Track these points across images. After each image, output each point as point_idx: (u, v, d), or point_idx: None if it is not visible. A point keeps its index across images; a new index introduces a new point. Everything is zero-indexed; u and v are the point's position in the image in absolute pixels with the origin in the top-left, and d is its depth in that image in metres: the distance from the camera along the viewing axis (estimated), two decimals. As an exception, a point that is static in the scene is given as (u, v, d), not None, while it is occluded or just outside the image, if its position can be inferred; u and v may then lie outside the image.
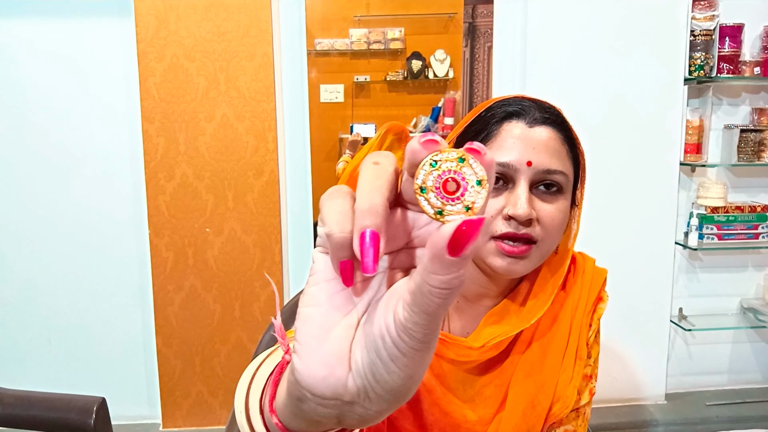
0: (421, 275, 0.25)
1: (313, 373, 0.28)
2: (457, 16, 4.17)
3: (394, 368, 0.27)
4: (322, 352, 0.28)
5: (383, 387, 0.27)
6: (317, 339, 0.28)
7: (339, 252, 0.27)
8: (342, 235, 0.26)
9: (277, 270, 2.07)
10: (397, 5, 4.08)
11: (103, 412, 1.06)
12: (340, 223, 0.26)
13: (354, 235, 0.26)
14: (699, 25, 2.01)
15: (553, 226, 0.70)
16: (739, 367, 2.28)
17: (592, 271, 0.81)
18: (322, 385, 0.28)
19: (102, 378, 2.14)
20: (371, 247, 0.25)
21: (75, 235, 2.07)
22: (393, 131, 1.39)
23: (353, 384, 0.28)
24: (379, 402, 0.28)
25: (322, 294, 0.29)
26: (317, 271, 0.29)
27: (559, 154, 0.70)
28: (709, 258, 2.21)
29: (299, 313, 0.29)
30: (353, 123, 4.10)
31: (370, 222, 0.25)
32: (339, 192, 0.28)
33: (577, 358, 0.78)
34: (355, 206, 0.26)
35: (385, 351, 0.27)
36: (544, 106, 0.73)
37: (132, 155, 2.03)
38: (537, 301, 0.76)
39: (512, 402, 0.75)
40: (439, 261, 0.24)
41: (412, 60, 4.08)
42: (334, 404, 0.29)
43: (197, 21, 1.92)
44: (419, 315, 0.25)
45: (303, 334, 0.29)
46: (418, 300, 0.25)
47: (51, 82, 1.99)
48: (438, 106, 4.05)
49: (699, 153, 2.09)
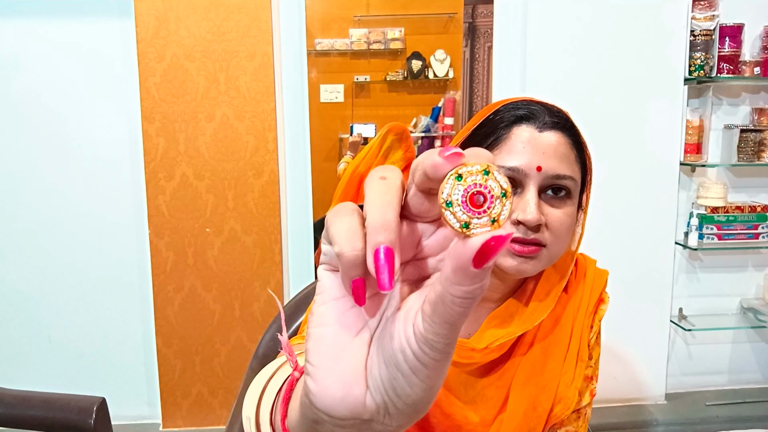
0: (443, 286, 0.24)
1: (330, 395, 0.28)
2: (457, 16, 4.17)
3: (416, 380, 0.27)
4: (338, 372, 0.28)
5: (404, 401, 0.27)
6: (331, 359, 0.28)
7: (351, 271, 0.26)
8: (354, 253, 0.26)
9: (277, 270, 2.07)
10: (397, 5, 4.08)
11: (103, 412, 1.06)
12: (351, 241, 0.26)
13: (368, 252, 0.25)
14: (699, 25, 2.01)
15: (562, 231, 0.70)
16: (739, 367, 2.28)
17: (594, 273, 0.81)
18: (341, 406, 0.28)
19: (102, 378, 2.14)
20: (386, 263, 0.25)
21: (75, 235, 2.07)
22: (393, 131, 1.39)
23: (372, 401, 0.28)
24: (400, 417, 0.28)
25: (333, 313, 0.28)
26: (325, 290, 0.29)
27: (568, 159, 0.70)
28: (709, 258, 2.21)
29: (309, 334, 0.29)
30: (353, 123, 4.10)
31: (383, 238, 0.25)
32: (346, 209, 0.28)
33: (578, 360, 0.78)
34: (367, 223, 0.26)
35: (406, 364, 0.26)
36: (553, 110, 0.72)
37: (132, 155, 2.03)
38: (540, 304, 0.76)
39: (513, 403, 0.75)
40: (463, 273, 0.24)
41: (412, 60, 4.08)
42: (352, 424, 0.28)
43: (197, 21, 1.92)
44: (440, 325, 0.25)
45: (316, 355, 0.28)
46: (439, 310, 0.25)
47: (51, 82, 1.99)
48: (438, 106, 4.05)
49: (699, 153, 2.09)
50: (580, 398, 0.81)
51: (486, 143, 0.72)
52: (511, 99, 0.75)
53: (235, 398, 0.95)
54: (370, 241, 0.25)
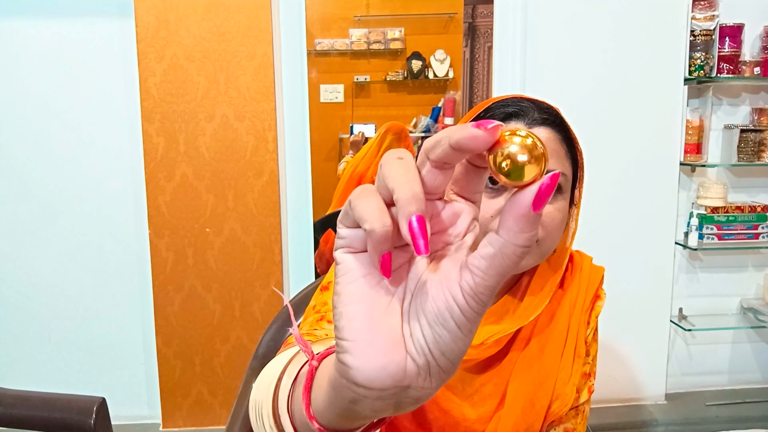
0: (506, 237, 0.27)
1: (371, 366, 0.29)
2: (457, 16, 4.17)
3: (460, 335, 0.29)
4: (376, 343, 0.29)
5: (448, 357, 0.30)
6: (368, 332, 0.29)
7: (382, 245, 0.28)
8: (385, 228, 0.28)
9: (277, 270, 2.07)
10: (397, 5, 4.08)
11: (103, 412, 1.06)
12: (381, 218, 0.28)
13: (401, 223, 0.27)
14: (699, 25, 2.01)
15: (553, 226, 0.70)
16: (739, 367, 2.28)
17: (590, 270, 0.82)
18: (383, 374, 0.29)
19: (102, 378, 2.14)
20: (420, 230, 0.27)
21: (75, 235, 2.07)
22: (393, 131, 1.39)
23: (413, 365, 0.30)
24: (439, 376, 0.30)
25: (360, 290, 0.30)
26: (350, 270, 0.30)
27: (557, 155, 0.71)
28: (709, 258, 2.21)
29: (340, 312, 0.30)
30: (353, 123, 4.10)
31: (415, 208, 0.27)
32: (368, 191, 0.30)
33: (575, 356, 0.79)
34: (397, 197, 0.27)
35: (453, 320, 0.29)
36: (543, 106, 0.73)
37: (132, 155, 2.03)
38: (535, 299, 0.76)
39: (511, 400, 0.76)
40: (525, 219, 0.27)
41: (412, 60, 4.08)
42: (392, 393, 0.30)
43: (197, 21, 1.92)
44: (493, 277, 0.28)
45: (353, 331, 0.30)
46: (497, 262, 0.28)
47: (51, 82, 1.99)
48: (438, 106, 4.05)
49: (699, 153, 2.09)
50: (578, 395, 0.81)
51: None
52: (502, 96, 0.75)
53: (235, 398, 0.95)
54: (402, 213, 0.27)
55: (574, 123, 0.75)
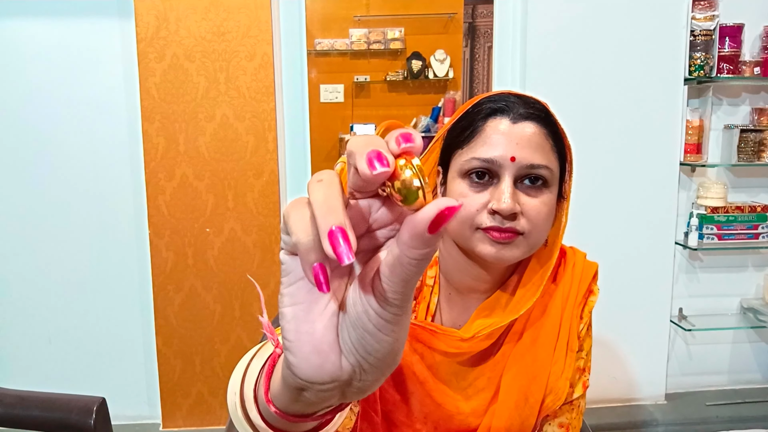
0: (401, 250, 0.28)
1: (309, 365, 0.31)
2: (457, 16, 4.17)
3: (382, 336, 0.30)
4: (313, 344, 0.31)
5: (375, 356, 0.31)
6: (306, 333, 0.31)
7: (309, 256, 0.29)
8: (309, 238, 0.29)
9: (277, 270, 2.07)
10: (397, 5, 4.08)
11: (103, 412, 1.06)
12: (305, 229, 0.29)
13: (322, 237, 0.28)
14: (699, 25, 2.01)
15: (539, 219, 0.71)
16: (739, 367, 2.28)
17: (583, 264, 0.82)
18: (321, 373, 0.31)
19: (102, 378, 2.14)
20: (342, 239, 0.27)
21: (75, 235, 2.07)
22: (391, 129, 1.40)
23: (347, 363, 0.32)
24: (374, 371, 0.32)
25: (301, 292, 0.31)
26: (290, 272, 0.31)
27: (543, 149, 0.71)
28: (709, 258, 2.21)
29: (283, 313, 0.32)
30: (353, 123, 4.10)
31: (333, 220, 0.27)
32: (300, 202, 0.31)
33: (568, 350, 0.79)
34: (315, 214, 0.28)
35: (371, 323, 0.30)
36: (529, 101, 0.73)
37: (132, 155, 2.03)
38: (526, 292, 0.77)
39: (505, 393, 0.77)
40: (419, 238, 0.27)
41: (412, 60, 4.08)
42: (334, 386, 0.32)
43: (197, 21, 1.92)
44: (398, 284, 0.29)
45: (291, 331, 0.31)
46: (397, 271, 0.28)
47: (51, 82, 1.99)
48: (438, 106, 4.05)
49: (699, 153, 2.09)
50: (572, 390, 0.81)
51: (464, 135, 0.74)
52: (491, 93, 0.76)
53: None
54: (321, 228, 0.28)
55: (574, 123, 0.75)
